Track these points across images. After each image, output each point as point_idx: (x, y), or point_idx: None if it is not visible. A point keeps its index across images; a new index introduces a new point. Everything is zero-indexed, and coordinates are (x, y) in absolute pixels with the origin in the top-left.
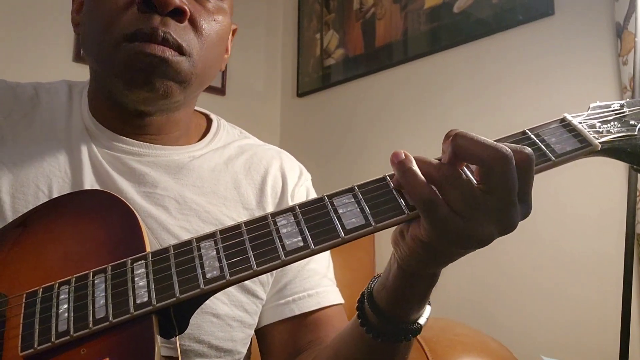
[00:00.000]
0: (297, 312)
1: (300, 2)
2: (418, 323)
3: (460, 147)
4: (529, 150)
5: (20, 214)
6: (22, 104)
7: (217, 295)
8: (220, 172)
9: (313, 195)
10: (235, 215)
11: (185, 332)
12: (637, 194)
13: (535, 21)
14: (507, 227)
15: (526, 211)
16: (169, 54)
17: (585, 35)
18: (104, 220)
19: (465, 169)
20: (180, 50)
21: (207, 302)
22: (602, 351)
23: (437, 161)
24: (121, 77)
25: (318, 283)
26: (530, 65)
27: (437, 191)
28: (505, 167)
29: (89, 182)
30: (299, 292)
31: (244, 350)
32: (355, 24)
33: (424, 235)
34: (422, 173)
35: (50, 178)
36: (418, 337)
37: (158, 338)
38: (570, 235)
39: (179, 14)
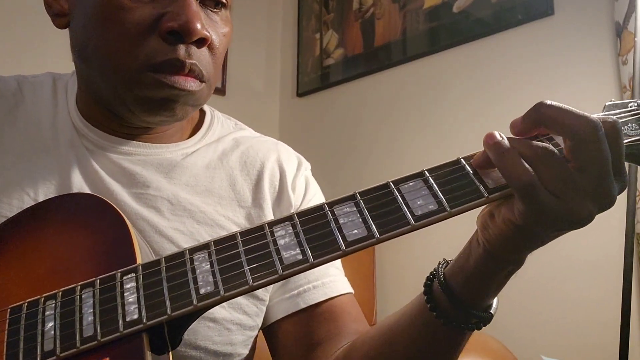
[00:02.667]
0: (303, 306)
1: (300, 2)
2: (490, 312)
3: (547, 116)
4: (612, 118)
5: (6, 219)
6: (5, 100)
7: None
8: (214, 168)
9: (313, 184)
10: (231, 214)
11: (183, 338)
12: (637, 193)
13: (535, 21)
14: (607, 202)
15: (623, 184)
16: (195, 85)
17: (585, 35)
18: (93, 227)
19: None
20: (201, 78)
21: None
22: (602, 351)
23: (525, 139)
24: (141, 103)
25: (324, 273)
26: (530, 65)
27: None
28: (597, 137)
29: (77, 184)
30: (304, 284)
31: (245, 352)
32: (354, 23)
33: (518, 219)
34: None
35: (36, 180)
36: None
37: (149, 355)
38: (569, 235)
39: (201, 42)
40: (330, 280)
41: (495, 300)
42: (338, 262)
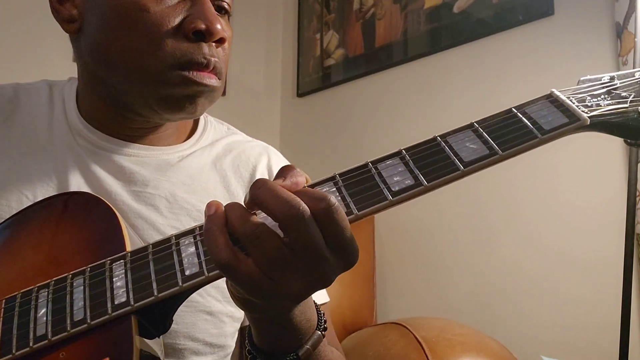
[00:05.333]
0: None
1: (300, 2)
2: (296, 354)
3: (257, 198)
4: (326, 201)
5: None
6: (1, 106)
7: (211, 292)
8: (209, 171)
9: None
10: None
11: (181, 330)
12: (637, 194)
13: (535, 21)
14: (319, 283)
15: (347, 262)
16: (215, 82)
17: (585, 35)
18: (86, 221)
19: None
20: (220, 76)
21: (201, 300)
22: (602, 351)
23: (247, 212)
24: (166, 101)
25: None
26: (530, 65)
27: (236, 253)
28: (299, 224)
29: (76, 184)
30: None
31: (233, 344)
32: (355, 24)
33: (234, 292)
34: (229, 227)
35: (34, 183)
36: (418, 336)
37: (137, 339)
38: (570, 236)
39: (221, 41)
40: None
41: (315, 335)
42: None
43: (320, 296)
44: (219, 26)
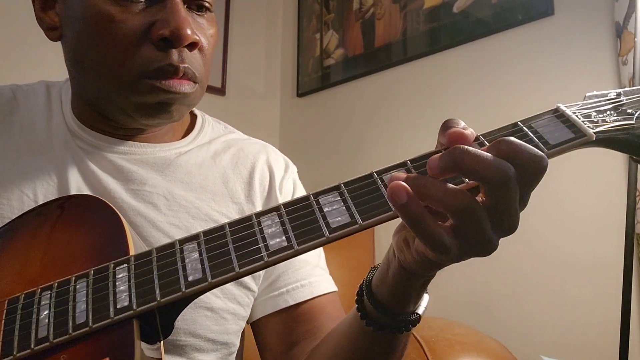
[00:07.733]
0: (291, 303)
1: (300, 2)
2: (417, 313)
3: (463, 165)
4: (545, 162)
5: (7, 219)
6: (0, 107)
7: None
8: (208, 167)
9: (300, 187)
10: (224, 210)
11: (181, 327)
12: (637, 194)
13: (535, 21)
14: (510, 231)
15: (523, 209)
16: (189, 87)
17: (585, 35)
18: (89, 224)
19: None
20: (194, 80)
21: (202, 296)
22: (602, 351)
23: (449, 186)
24: (139, 108)
25: (310, 273)
26: (530, 65)
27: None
28: (508, 184)
29: (75, 183)
30: (292, 282)
31: (237, 342)
32: (354, 24)
33: (431, 255)
34: (439, 206)
35: (34, 182)
36: (417, 336)
37: (139, 343)
38: (570, 236)
39: (192, 46)
40: (317, 279)
41: (425, 298)
42: (323, 264)
43: (331, 285)
44: (188, 31)
